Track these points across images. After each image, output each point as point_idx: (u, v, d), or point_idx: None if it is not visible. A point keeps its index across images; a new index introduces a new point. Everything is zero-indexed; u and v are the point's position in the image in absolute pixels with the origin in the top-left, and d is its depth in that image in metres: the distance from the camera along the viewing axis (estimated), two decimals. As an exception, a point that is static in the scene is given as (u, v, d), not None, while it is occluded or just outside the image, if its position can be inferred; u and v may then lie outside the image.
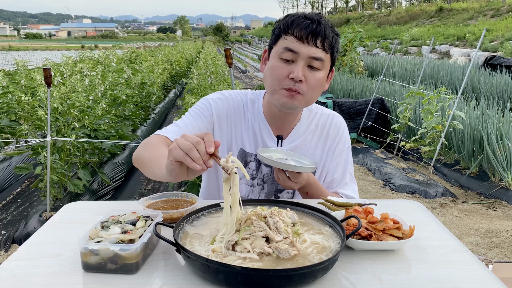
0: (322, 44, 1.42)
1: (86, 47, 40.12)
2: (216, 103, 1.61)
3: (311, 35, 1.41)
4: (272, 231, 1.08)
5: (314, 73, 1.45)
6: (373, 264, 1.11)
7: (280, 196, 1.68)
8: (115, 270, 1.03)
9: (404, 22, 34.22)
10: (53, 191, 3.80)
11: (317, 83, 1.46)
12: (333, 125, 1.68)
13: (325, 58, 1.45)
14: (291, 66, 1.44)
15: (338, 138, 1.68)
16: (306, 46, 1.42)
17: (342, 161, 1.70)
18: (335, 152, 1.68)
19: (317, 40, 1.41)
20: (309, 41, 1.41)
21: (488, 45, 17.14)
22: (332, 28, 1.47)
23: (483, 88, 8.86)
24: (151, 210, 1.31)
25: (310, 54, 1.42)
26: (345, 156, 1.70)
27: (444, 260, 1.14)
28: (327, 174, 1.69)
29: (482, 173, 5.11)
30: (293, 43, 1.42)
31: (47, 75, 3.21)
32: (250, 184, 1.65)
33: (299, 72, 1.42)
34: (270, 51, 1.52)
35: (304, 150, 1.64)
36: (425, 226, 1.34)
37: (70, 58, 10.58)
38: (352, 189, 1.71)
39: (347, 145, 1.71)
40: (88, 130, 4.29)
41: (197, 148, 1.08)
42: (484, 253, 3.50)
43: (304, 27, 1.41)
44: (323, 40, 1.42)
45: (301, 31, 1.41)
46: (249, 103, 1.65)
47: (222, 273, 0.96)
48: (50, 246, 1.18)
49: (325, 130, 1.67)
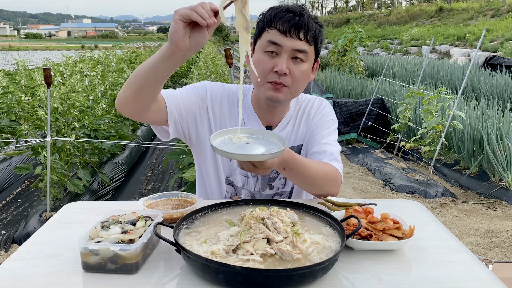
0: (305, 36, 1.44)
1: (86, 47, 40.12)
2: (212, 87, 1.63)
3: (294, 28, 1.42)
4: (272, 231, 1.08)
5: (299, 65, 1.47)
6: (373, 264, 1.11)
7: (273, 184, 1.67)
8: (115, 270, 1.03)
9: (404, 22, 34.21)
10: (53, 191, 3.80)
11: (301, 74, 1.48)
12: (315, 105, 1.69)
13: (309, 50, 1.47)
14: (275, 59, 1.45)
15: (320, 114, 1.66)
16: (289, 39, 1.43)
17: (320, 125, 1.63)
18: (318, 124, 1.63)
19: (300, 32, 1.43)
20: (292, 34, 1.43)
21: (488, 45, 17.14)
22: (316, 20, 1.48)
23: (483, 88, 8.86)
24: (151, 210, 1.31)
25: (293, 46, 1.44)
26: (320, 122, 1.63)
27: (444, 260, 1.14)
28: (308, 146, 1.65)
29: (482, 173, 5.11)
30: (276, 36, 1.43)
31: (47, 75, 3.21)
32: (244, 175, 1.65)
33: (283, 65, 1.44)
34: (255, 45, 1.52)
35: (290, 132, 1.65)
36: (425, 226, 1.34)
37: (70, 58, 10.58)
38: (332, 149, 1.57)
39: (328, 118, 1.65)
40: (88, 130, 4.30)
41: (201, 6, 1.12)
42: (484, 253, 3.50)
43: (287, 20, 1.42)
44: (306, 32, 1.43)
45: (283, 24, 1.42)
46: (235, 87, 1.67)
47: (222, 273, 0.96)
48: (50, 246, 1.18)
49: (307, 110, 1.68)
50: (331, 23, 47.91)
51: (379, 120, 6.92)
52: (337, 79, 9.69)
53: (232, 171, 1.65)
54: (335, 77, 9.91)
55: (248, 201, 1.34)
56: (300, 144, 1.68)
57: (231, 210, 1.29)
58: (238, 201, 1.34)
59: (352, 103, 7.08)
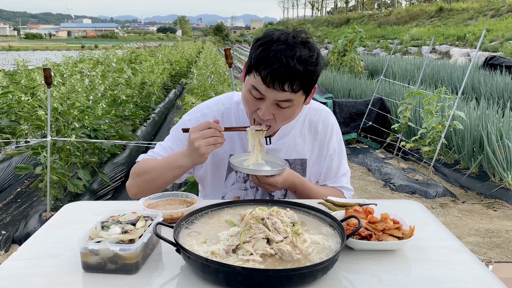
0: (290, 87, 1.34)
1: (86, 47, 40.12)
2: (199, 120, 1.59)
3: (278, 80, 1.33)
4: (272, 232, 1.08)
5: (284, 109, 1.42)
6: (373, 264, 1.11)
7: (274, 194, 1.69)
8: (115, 270, 1.03)
9: (404, 22, 34.22)
10: (53, 191, 3.79)
11: (288, 115, 1.45)
12: (321, 121, 1.67)
13: (295, 97, 1.38)
14: (259, 103, 1.42)
15: (328, 134, 1.68)
16: (272, 90, 1.35)
17: (336, 156, 1.71)
18: (329, 149, 1.68)
19: (284, 84, 1.34)
20: (275, 86, 1.34)
21: (488, 45, 17.14)
22: (309, 60, 1.34)
23: (483, 88, 8.86)
24: (151, 210, 1.30)
25: (276, 98, 1.38)
26: (338, 150, 1.72)
27: (444, 260, 1.14)
28: (323, 167, 1.70)
29: (482, 173, 5.11)
30: (260, 84, 1.36)
31: (47, 75, 3.21)
32: (243, 188, 1.66)
33: (265, 113, 1.41)
34: (246, 72, 1.46)
35: (292, 145, 1.64)
36: (425, 226, 1.34)
37: (70, 58, 10.58)
38: (347, 179, 1.76)
39: (338, 138, 1.72)
40: (88, 130, 4.29)
41: (217, 135, 1.41)
42: (484, 253, 3.50)
43: (272, 70, 1.32)
44: (291, 83, 1.34)
45: (267, 75, 1.33)
46: (234, 107, 1.64)
47: (222, 273, 0.96)
48: (50, 246, 1.18)
49: (313, 125, 1.66)
50: (331, 23, 47.94)
51: (379, 120, 6.92)
52: (337, 79, 9.69)
53: (228, 188, 1.67)
54: (335, 77, 9.91)
55: (248, 201, 1.34)
56: (303, 159, 1.66)
57: (231, 210, 1.29)
58: (238, 201, 1.34)
59: (352, 103, 7.07)
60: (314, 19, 63.84)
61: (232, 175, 1.65)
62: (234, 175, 1.66)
